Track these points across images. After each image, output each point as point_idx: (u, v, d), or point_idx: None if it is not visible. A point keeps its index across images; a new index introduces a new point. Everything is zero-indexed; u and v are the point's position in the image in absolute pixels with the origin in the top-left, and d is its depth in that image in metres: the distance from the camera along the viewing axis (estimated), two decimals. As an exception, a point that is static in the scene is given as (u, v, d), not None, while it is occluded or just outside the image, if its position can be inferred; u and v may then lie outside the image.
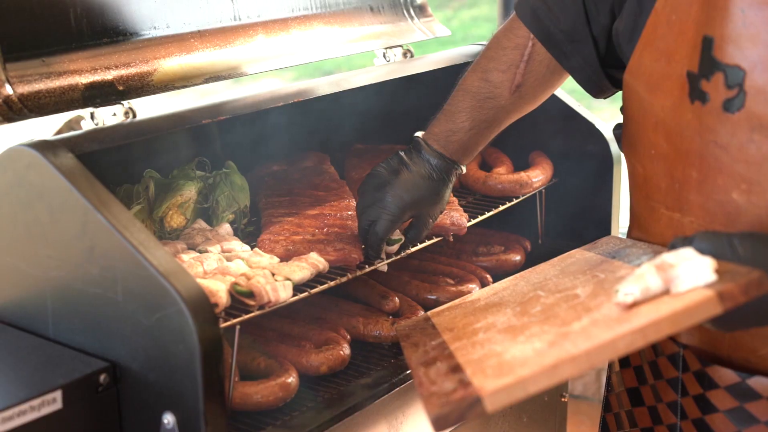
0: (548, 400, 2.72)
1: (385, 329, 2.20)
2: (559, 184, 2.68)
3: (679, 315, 1.38)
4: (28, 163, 1.76)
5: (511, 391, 1.38)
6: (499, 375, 1.41)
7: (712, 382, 1.71)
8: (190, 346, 1.61)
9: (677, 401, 1.78)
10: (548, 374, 1.38)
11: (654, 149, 1.75)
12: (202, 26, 2.24)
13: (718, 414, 1.71)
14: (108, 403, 1.73)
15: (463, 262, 2.55)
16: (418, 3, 2.78)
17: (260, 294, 1.89)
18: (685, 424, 1.77)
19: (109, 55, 2.04)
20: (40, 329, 1.84)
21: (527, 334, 1.54)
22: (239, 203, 2.34)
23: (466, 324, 1.74)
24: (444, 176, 2.11)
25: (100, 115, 1.97)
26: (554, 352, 1.41)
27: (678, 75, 1.66)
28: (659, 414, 1.83)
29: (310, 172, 2.55)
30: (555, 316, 1.57)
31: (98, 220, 1.68)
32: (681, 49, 1.66)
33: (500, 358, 1.48)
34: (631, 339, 1.37)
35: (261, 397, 1.92)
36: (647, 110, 1.75)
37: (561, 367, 1.38)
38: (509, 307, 1.73)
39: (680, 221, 1.71)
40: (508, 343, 1.53)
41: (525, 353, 1.46)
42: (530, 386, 1.38)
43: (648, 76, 1.74)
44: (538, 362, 1.40)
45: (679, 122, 1.67)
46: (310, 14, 2.49)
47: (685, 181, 1.69)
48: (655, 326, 1.38)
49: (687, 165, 1.68)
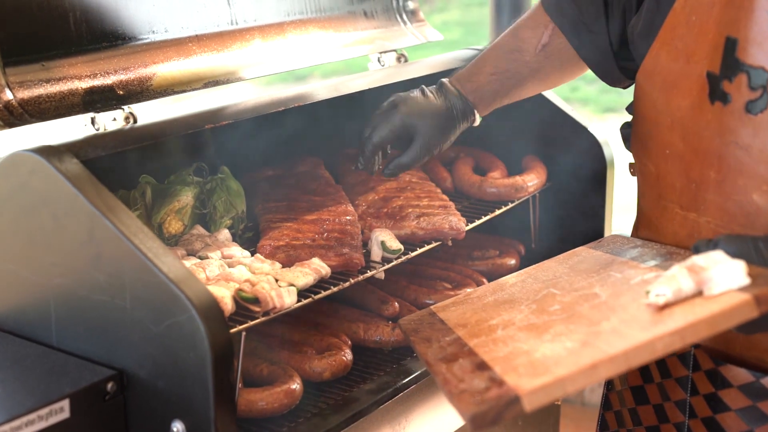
0: (542, 404, 2.72)
1: (385, 334, 2.20)
2: (552, 188, 2.68)
3: (716, 317, 1.38)
4: (31, 169, 1.73)
5: (549, 391, 1.37)
6: (533, 374, 1.41)
7: (725, 381, 1.71)
8: (201, 353, 1.60)
9: (686, 400, 1.78)
10: (587, 374, 1.37)
11: (669, 149, 1.75)
12: (200, 30, 2.23)
13: (730, 413, 1.71)
14: (115, 411, 1.71)
15: (458, 266, 2.55)
16: (410, 8, 2.78)
17: (265, 300, 1.88)
18: (694, 422, 1.77)
19: (108, 60, 2.03)
20: (44, 337, 1.81)
21: (552, 332, 1.53)
22: (237, 208, 2.33)
23: (480, 320, 1.72)
24: (455, 112, 2.16)
25: (101, 120, 1.95)
26: (590, 352, 1.41)
27: (697, 75, 1.67)
28: (666, 412, 1.83)
29: (305, 177, 2.54)
30: (579, 316, 1.56)
31: (106, 227, 1.66)
32: (701, 49, 1.66)
33: (530, 356, 1.47)
34: (670, 340, 1.38)
35: (266, 404, 1.91)
36: (662, 110, 1.75)
37: (599, 367, 1.38)
38: (523, 305, 1.72)
39: (696, 221, 1.71)
40: (534, 342, 1.52)
41: (557, 352, 1.45)
42: (569, 386, 1.38)
43: (665, 75, 1.74)
44: (574, 362, 1.40)
45: (697, 122, 1.67)
46: (305, 18, 2.48)
47: (703, 181, 1.69)
48: (693, 328, 1.38)
49: (705, 165, 1.68)
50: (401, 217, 2.32)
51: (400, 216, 2.32)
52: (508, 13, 3.05)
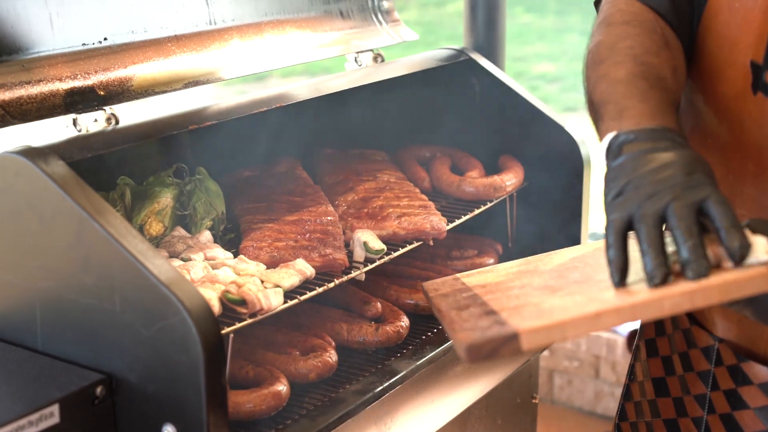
0: (520, 402, 2.74)
1: (369, 335, 2.19)
2: (529, 187, 2.69)
3: (729, 285, 1.36)
4: (16, 171, 1.71)
5: (549, 332, 1.37)
6: (537, 318, 1.41)
7: (745, 378, 1.69)
8: (193, 356, 1.58)
9: (706, 394, 1.76)
10: (590, 321, 1.37)
11: (711, 138, 1.70)
12: (179, 30, 2.21)
13: (748, 411, 1.69)
14: (104, 416, 1.69)
15: (438, 266, 2.55)
16: (385, 8, 2.78)
17: (252, 302, 1.87)
18: (712, 418, 1.76)
19: (88, 60, 2.00)
20: (29, 342, 1.79)
21: (565, 291, 1.52)
22: (217, 210, 2.31)
23: (499, 283, 1.71)
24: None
25: (83, 122, 1.93)
26: (597, 305, 1.40)
27: (741, 64, 1.61)
28: (685, 406, 1.81)
29: (284, 178, 2.53)
30: (595, 281, 1.54)
31: (94, 229, 1.64)
32: (745, 37, 1.61)
33: (538, 306, 1.47)
34: (679, 300, 1.36)
35: (253, 406, 1.90)
36: (708, 98, 1.70)
37: (603, 316, 1.37)
38: (545, 274, 1.70)
39: None
40: (546, 297, 1.52)
41: (564, 304, 1.45)
42: (569, 330, 1.37)
43: (711, 62, 1.68)
44: (579, 309, 1.39)
45: (740, 113, 1.63)
46: (282, 19, 2.47)
47: (741, 172, 1.65)
48: (704, 292, 1.36)
49: (745, 157, 1.64)
50: (382, 217, 2.32)
51: (381, 216, 2.32)
52: (482, 11, 3.05)
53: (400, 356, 2.18)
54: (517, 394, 2.71)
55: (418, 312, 2.35)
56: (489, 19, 3.07)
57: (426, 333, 2.30)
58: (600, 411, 4.36)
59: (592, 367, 4.32)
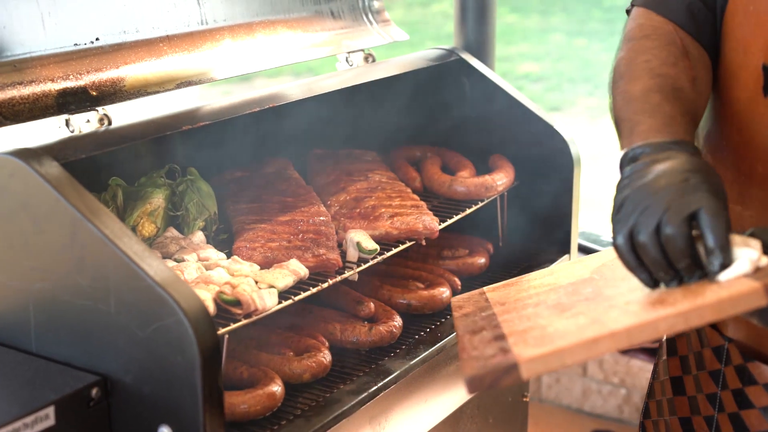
0: (512, 401, 2.74)
1: (362, 335, 2.19)
2: (520, 187, 2.70)
3: (723, 303, 1.38)
4: (10, 172, 1.70)
5: (547, 361, 1.41)
6: (539, 345, 1.44)
7: (751, 378, 1.71)
8: (189, 357, 1.58)
9: (717, 393, 1.79)
10: (587, 347, 1.40)
11: (725, 141, 1.73)
12: (171, 31, 2.21)
13: (754, 410, 1.71)
14: (99, 417, 1.69)
15: (429, 265, 2.55)
16: (376, 7, 2.78)
17: (247, 302, 1.87)
18: (722, 417, 1.78)
19: (80, 60, 2.00)
20: (22, 344, 1.78)
21: (574, 311, 1.55)
22: (209, 210, 2.31)
23: (518, 300, 1.74)
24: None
25: (75, 122, 1.92)
26: (596, 328, 1.43)
27: (754, 67, 1.64)
28: (698, 404, 1.84)
29: (275, 178, 2.53)
30: (603, 297, 1.57)
31: (89, 230, 1.63)
32: (758, 41, 1.63)
33: (543, 330, 1.51)
34: (674, 322, 1.39)
35: (248, 407, 1.89)
36: (724, 101, 1.72)
37: (601, 342, 1.40)
38: (562, 288, 1.72)
39: (741, 214, 1.70)
40: (554, 318, 1.55)
41: (568, 327, 1.48)
42: (567, 358, 1.41)
43: (727, 65, 1.71)
44: (577, 335, 1.43)
45: (752, 116, 1.65)
46: (274, 19, 2.47)
47: (750, 174, 1.67)
48: (698, 312, 1.39)
49: (754, 159, 1.66)
50: (374, 217, 2.32)
51: (373, 216, 2.32)
52: (473, 11, 3.06)
53: (393, 356, 2.18)
54: (508, 392, 2.71)
55: (410, 311, 2.35)
56: (479, 19, 3.07)
57: (419, 333, 2.30)
58: (587, 409, 4.37)
59: (579, 365, 4.33)
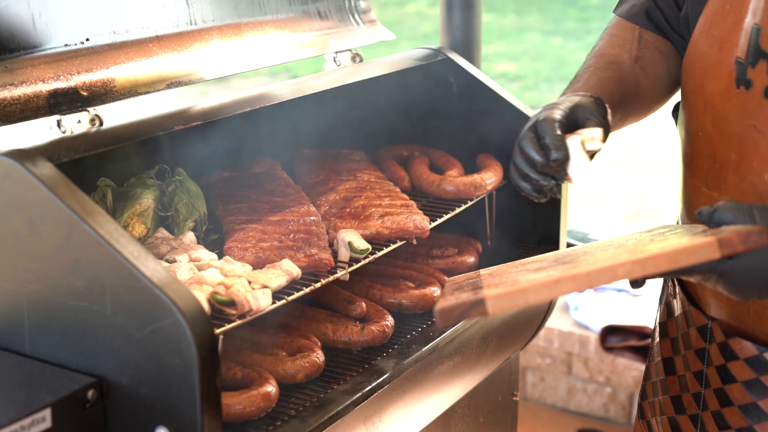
0: (501, 400, 2.75)
1: (354, 334, 2.19)
2: (507, 185, 2.70)
3: (679, 253, 1.49)
4: (4, 173, 1.69)
5: (512, 298, 1.50)
6: (508, 287, 1.55)
7: (733, 354, 1.81)
8: (187, 358, 1.57)
9: (703, 371, 1.88)
10: (549, 287, 1.50)
11: (701, 131, 1.85)
12: (160, 31, 2.20)
13: (737, 384, 1.80)
14: (95, 419, 1.68)
15: (419, 265, 2.56)
16: (362, 7, 2.78)
17: (241, 303, 1.86)
18: (708, 392, 1.87)
19: (70, 61, 1.99)
20: (16, 345, 1.77)
21: (547, 271, 1.64)
22: (199, 210, 2.30)
23: (505, 271, 1.83)
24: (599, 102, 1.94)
25: (67, 123, 1.91)
26: (558, 273, 1.53)
27: (728, 62, 1.75)
28: (687, 383, 1.94)
29: (264, 178, 2.52)
30: (578, 261, 1.67)
31: (85, 231, 1.62)
32: (733, 37, 1.75)
33: (515, 279, 1.61)
34: (631, 268, 1.49)
35: (243, 408, 1.89)
36: (698, 94, 1.85)
37: (562, 282, 1.50)
38: (546, 260, 1.81)
39: (718, 199, 1.79)
40: (527, 274, 1.65)
41: (538, 276, 1.57)
42: (531, 296, 1.50)
43: (702, 62, 1.83)
44: (542, 278, 1.53)
45: (725, 107, 1.77)
46: (262, 20, 2.46)
47: (725, 162, 1.79)
48: (655, 260, 1.49)
49: (728, 147, 1.77)
50: (365, 216, 2.32)
51: (363, 216, 2.32)
52: (459, 11, 3.06)
53: (386, 356, 2.18)
54: (498, 391, 2.72)
55: (401, 311, 2.36)
56: (465, 18, 3.08)
57: (411, 332, 2.30)
58: (573, 407, 4.39)
59: (565, 363, 4.35)
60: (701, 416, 1.90)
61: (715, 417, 1.86)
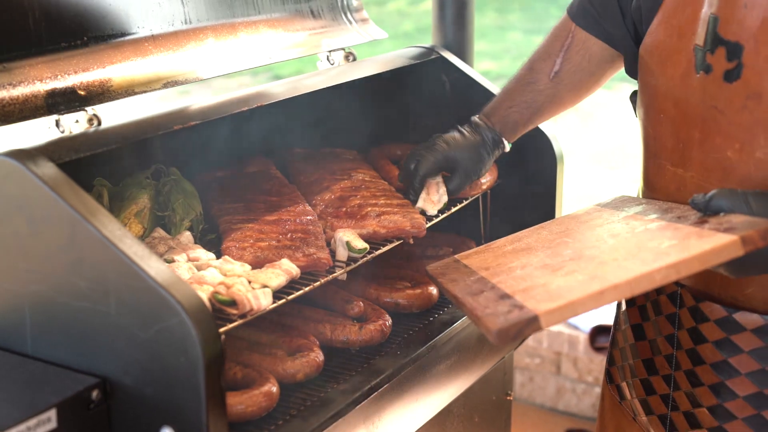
0: (495, 399, 2.75)
1: (353, 334, 2.19)
2: (502, 184, 2.70)
3: (707, 254, 1.60)
4: (5, 174, 1.68)
5: (562, 312, 1.57)
6: (549, 300, 1.61)
7: (703, 316, 1.94)
8: (192, 358, 1.57)
9: (674, 334, 2.01)
10: (595, 299, 1.58)
11: (663, 114, 1.99)
12: (156, 30, 2.19)
13: (708, 344, 1.94)
14: (99, 420, 1.67)
15: (414, 264, 2.56)
16: (354, 6, 2.77)
17: (242, 302, 1.86)
18: (680, 353, 2.00)
19: (68, 60, 1.98)
20: (18, 346, 1.76)
21: (565, 270, 1.72)
22: (195, 210, 2.29)
23: (500, 264, 1.91)
24: (487, 143, 2.41)
25: (66, 123, 1.90)
26: (598, 283, 1.61)
27: (687, 50, 1.90)
28: (658, 346, 2.06)
29: (258, 178, 2.52)
30: (589, 257, 1.76)
31: (88, 231, 1.62)
32: (691, 26, 1.89)
33: (546, 288, 1.66)
34: (666, 273, 1.59)
35: (245, 407, 1.88)
36: (658, 80, 1.99)
37: (606, 293, 1.58)
38: (539, 251, 1.91)
39: (683, 176, 1.95)
40: (549, 277, 1.71)
41: (569, 283, 1.64)
42: (579, 308, 1.58)
43: (661, 50, 1.97)
44: (584, 289, 1.60)
45: (685, 90, 1.91)
46: (256, 19, 2.46)
47: (689, 141, 1.92)
48: (687, 263, 1.60)
49: (691, 127, 1.91)
50: (361, 216, 2.31)
51: (360, 215, 2.32)
52: (451, 9, 3.06)
53: (384, 355, 2.18)
54: (492, 391, 2.73)
55: (398, 310, 2.36)
56: (458, 17, 3.08)
57: (408, 331, 2.30)
58: (561, 407, 4.40)
59: (554, 363, 4.36)
60: (674, 375, 2.02)
61: (687, 375, 1.98)
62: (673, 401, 2.03)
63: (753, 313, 1.87)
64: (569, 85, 2.35)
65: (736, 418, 1.91)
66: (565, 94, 2.37)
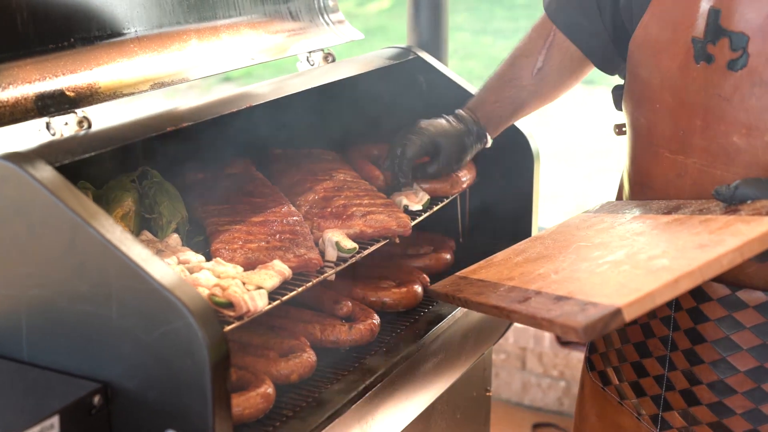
0: (476, 396, 2.77)
1: (342, 334, 2.19)
2: (479, 182, 2.72)
3: (765, 236, 1.64)
4: (2, 177, 1.66)
5: (643, 303, 1.60)
6: (622, 294, 1.62)
7: (705, 296, 1.99)
8: (198, 360, 1.56)
9: (671, 316, 2.06)
10: (671, 287, 1.61)
11: (659, 104, 2.04)
12: (141, 32, 2.17)
13: (710, 323, 1.99)
14: (101, 425, 1.66)
15: (397, 263, 2.56)
16: (330, 7, 2.77)
17: (239, 304, 1.85)
18: (677, 334, 2.05)
19: (55, 61, 1.96)
20: (13, 352, 1.73)
21: (608, 269, 1.74)
22: (180, 212, 2.28)
23: (524, 273, 1.92)
24: (471, 134, 2.46)
25: (56, 125, 1.88)
26: (668, 273, 1.64)
27: (683, 41, 1.96)
28: (653, 329, 2.10)
29: (240, 179, 2.51)
30: (631, 254, 1.78)
31: (89, 235, 1.60)
32: (687, 19, 1.95)
33: (607, 284, 1.68)
34: (732, 256, 1.64)
35: (243, 409, 1.88)
36: (652, 72, 2.04)
37: (680, 281, 1.62)
38: (558, 257, 1.93)
39: (684, 162, 2.00)
40: (597, 277, 1.73)
41: (632, 278, 1.67)
42: (657, 298, 1.61)
43: (654, 43, 2.03)
44: (657, 280, 1.63)
45: (684, 80, 1.97)
46: (238, 21, 2.45)
47: (689, 128, 1.98)
48: (750, 245, 1.64)
49: (692, 115, 1.97)
50: (347, 216, 2.32)
51: (346, 215, 2.32)
52: (426, 10, 3.08)
53: (374, 354, 2.19)
54: (473, 388, 2.75)
55: (384, 309, 2.37)
56: (433, 18, 3.09)
57: (395, 330, 2.31)
58: (527, 402, 4.44)
59: (519, 359, 4.39)
60: (669, 356, 2.06)
61: (686, 354, 2.03)
62: (668, 381, 2.07)
63: (756, 291, 1.93)
64: (551, 82, 2.42)
65: (736, 392, 1.97)
66: (547, 90, 2.44)
